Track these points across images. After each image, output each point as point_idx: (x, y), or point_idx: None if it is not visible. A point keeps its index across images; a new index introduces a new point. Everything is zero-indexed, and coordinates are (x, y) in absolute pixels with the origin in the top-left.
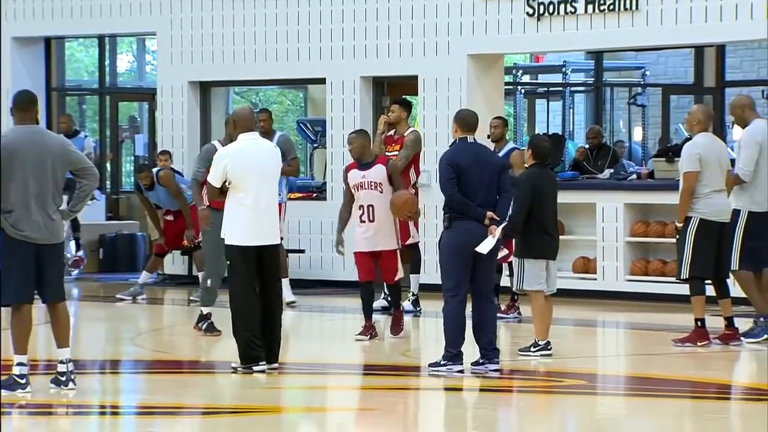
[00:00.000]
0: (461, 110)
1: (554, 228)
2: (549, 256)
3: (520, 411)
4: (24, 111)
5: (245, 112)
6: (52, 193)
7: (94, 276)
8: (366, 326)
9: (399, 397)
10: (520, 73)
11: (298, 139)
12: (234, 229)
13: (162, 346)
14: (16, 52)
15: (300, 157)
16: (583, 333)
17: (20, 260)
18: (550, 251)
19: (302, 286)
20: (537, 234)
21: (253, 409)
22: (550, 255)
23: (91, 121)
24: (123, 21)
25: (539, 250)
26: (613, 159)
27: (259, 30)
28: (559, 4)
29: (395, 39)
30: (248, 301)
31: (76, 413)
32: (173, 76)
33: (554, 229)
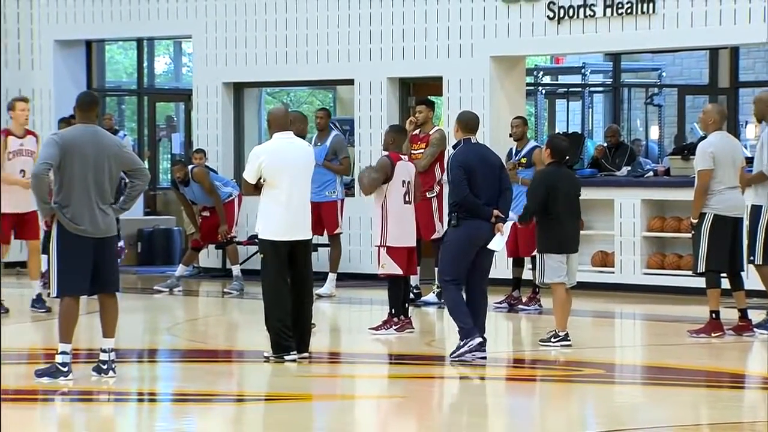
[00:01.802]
0: (463, 112)
1: (572, 223)
2: (567, 249)
3: (540, 399)
4: (85, 111)
5: (280, 112)
6: (108, 190)
7: (132, 269)
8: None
9: (425, 386)
10: (540, 75)
11: None
12: (267, 224)
13: (197, 336)
14: (58, 55)
15: None
16: (601, 324)
17: (78, 254)
18: (567, 245)
19: None
20: (555, 230)
21: (284, 396)
22: (569, 249)
23: (129, 120)
24: (160, 24)
25: (557, 244)
26: (630, 157)
27: (290, 33)
28: (578, 8)
29: (420, 41)
30: (280, 293)
31: (117, 400)
32: (208, 78)
33: (572, 224)
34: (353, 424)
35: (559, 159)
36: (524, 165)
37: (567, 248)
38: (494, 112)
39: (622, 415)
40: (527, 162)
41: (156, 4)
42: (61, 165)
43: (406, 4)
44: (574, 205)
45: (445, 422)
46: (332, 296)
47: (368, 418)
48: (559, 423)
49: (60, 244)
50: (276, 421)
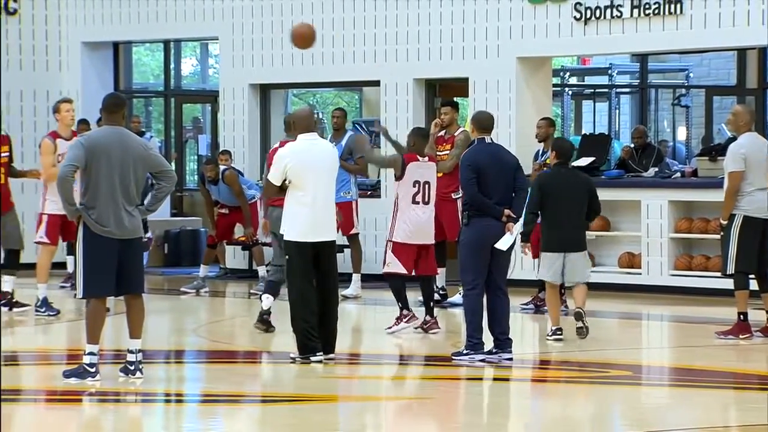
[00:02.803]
0: (478, 112)
1: (569, 223)
2: (562, 248)
3: (566, 401)
4: (111, 113)
5: (304, 113)
6: (133, 192)
7: (158, 270)
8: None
9: (451, 387)
10: (567, 75)
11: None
12: (292, 226)
13: (223, 337)
14: (86, 57)
15: None
16: (628, 326)
17: (104, 255)
18: (562, 244)
19: None
20: (550, 229)
21: (310, 397)
22: (564, 248)
23: (156, 122)
24: (187, 26)
25: (551, 243)
26: (657, 158)
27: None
28: (605, 9)
29: (447, 42)
30: (305, 295)
31: (144, 401)
32: (235, 79)
33: (569, 224)
34: (379, 426)
35: (564, 160)
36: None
37: (564, 247)
38: (520, 114)
39: (649, 417)
40: None
41: (183, 6)
42: (87, 167)
43: (432, 5)
44: (578, 205)
45: (471, 423)
46: (358, 297)
47: (394, 419)
48: (586, 425)
49: (86, 245)
50: (302, 422)
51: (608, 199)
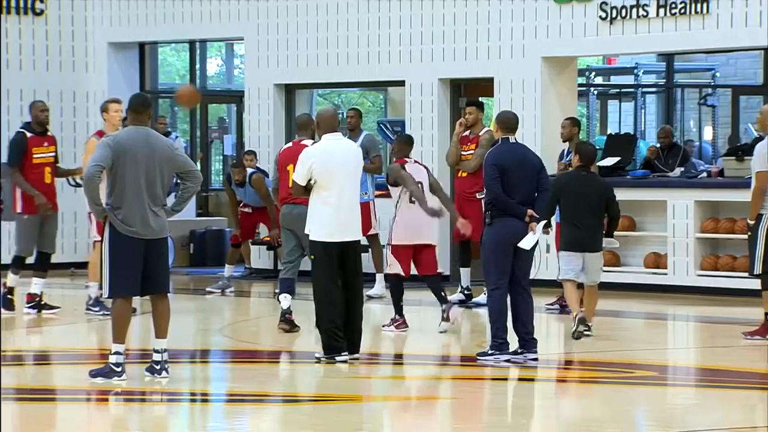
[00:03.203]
0: (503, 112)
1: (587, 224)
2: (581, 248)
3: (592, 401)
4: (137, 113)
5: (328, 113)
6: (159, 192)
7: (184, 270)
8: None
9: (475, 387)
10: (592, 75)
11: (379, 139)
12: (318, 225)
13: (248, 337)
14: (112, 57)
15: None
16: (654, 326)
17: (129, 255)
18: (581, 244)
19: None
20: (569, 230)
21: (335, 397)
22: (580, 247)
23: (182, 122)
24: (212, 27)
25: (571, 243)
26: (683, 158)
27: (341, 34)
28: (631, 8)
29: (472, 42)
30: (330, 295)
31: (169, 400)
32: (260, 79)
33: (587, 225)
34: (404, 426)
35: (586, 163)
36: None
37: (583, 248)
38: (545, 114)
39: (675, 417)
40: None
41: (208, 7)
42: (113, 167)
43: (457, 5)
44: (595, 208)
45: (496, 424)
46: (383, 297)
47: (419, 419)
48: (611, 425)
49: (112, 245)
50: (327, 422)
51: (634, 199)
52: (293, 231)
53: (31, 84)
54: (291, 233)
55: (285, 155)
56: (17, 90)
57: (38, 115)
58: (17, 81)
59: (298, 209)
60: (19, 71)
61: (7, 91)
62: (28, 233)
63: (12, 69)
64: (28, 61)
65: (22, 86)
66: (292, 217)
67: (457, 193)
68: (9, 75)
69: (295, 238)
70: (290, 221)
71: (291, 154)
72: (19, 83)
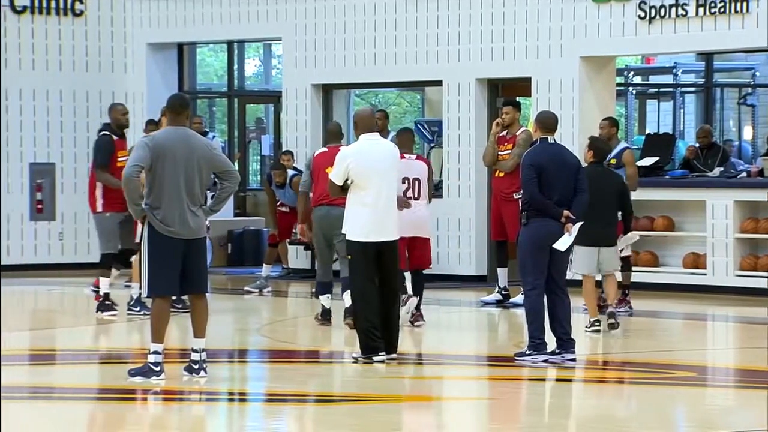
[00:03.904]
0: (541, 112)
1: (602, 220)
2: (596, 243)
3: (630, 402)
4: (176, 114)
5: (366, 113)
6: (198, 192)
7: (222, 270)
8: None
9: (513, 387)
10: (631, 75)
11: (416, 139)
12: (355, 225)
13: (286, 337)
14: (151, 58)
15: None
16: (693, 327)
17: (168, 255)
18: (596, 239)
19: None
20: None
21: (372, 397)
22: (598, 242)
23: (220, 122)
24: (250, 27)
25: (586, 238)
26: (722, 157)
27: (378, 35)
28: (670, 8)
29: (509, 42)
30: (368, 294)
31: (208, 400)
32: (297, 80)
33: (602, 220)
34: (441, 426)
35: (599, 160)
36: (614, 166)
37: (598, 242)
38: (584, 113)
39: (714, 418)
40: (617, 163)
41: (246, 7)
42: (152, 167)
43: (495, 5)
44: (609, 203)
45: (534, 424)
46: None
47: (456, 419)
48: (650, 426)
49: (151, 245)
50: (364, 422)
51: (672, 199)
52: (327, 233)
53: (70, 84)
54: (327, 236)
55: (321, 159)
56: (57, 90)
57: (119, 118)
58: (57, 81)
59: (337, 210)
60: (59, 72)
61: (46, 91)
62: (112, 231)
63: (52, 69)
64: (68, 61)
65: (61, 87)
66: (331, 218)
67: (494, 193)
68: (49, 75)
69: (330, 240)
70: (329, 223)
71: (328, 157)
72: (59, 83)
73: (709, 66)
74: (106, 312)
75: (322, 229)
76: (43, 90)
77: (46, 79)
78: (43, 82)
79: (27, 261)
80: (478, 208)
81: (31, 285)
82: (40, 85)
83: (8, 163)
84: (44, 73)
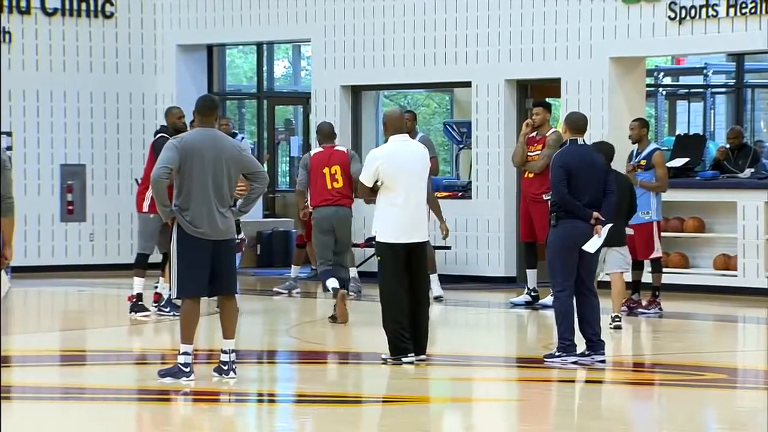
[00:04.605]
0: (571, 113)
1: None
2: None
3: (660, 404)
4: (205, 115)
5: (395, 115)
6: (226, 193)
7: (251, 271)
8: None
9: (542, 389)
10: (661, 76)
11: (445, 140)
12: (385, 227)
13: (315, 338)
14: (180, 59)
15: (446, 158)
16: (723, 328)
17: (197, 256)
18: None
19: (448, 282)
20: None
21: (401, 398)
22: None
23: (249, 123)
24: (280, 29)
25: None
26: (753, 158)
27: (407, 36)
28: (700, 8)
29: (539, 43)
30: (397, 296)
31: (237, 401)
32: (327, 81)
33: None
34: (470, 427)
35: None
36: (643, 167)
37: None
38: (613, 114)
39: (745, 420)
40: (647, 164)
41: (275, 9)
42: (180, 168)
43: (524, 6)
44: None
45: (563, 425)
46: (440, 297)
47: (485, 420)
48: (680, 428)
49: (180, 246)
50: (393, 423)
51: (703, 200)
52: (333, 231)
53: (101, 86)
54: (329, 233)
55: (318, 159)
56: (87, 92)
57: (176, 122)
58: (88, 83)
59: (343, 211)
60: (90, 73)
61: (77, 92)
62: (153, 232)
63: (83, 71)
64: (98, 63)
65: (92, 88)
66: (338, 218)
67: (523, 194)
68: (80, 77)
69: (333, 237)
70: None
71: (324, 158)
72: (90, 85)
73: (739, 67)
74: (140, 313)
75: (325, 225)
76: (74, 92)
77: (77, 80)
78: (74, 84)
79: (58, 262)
80: (507, 209)
81: (62, 286)
82: (71, 86)
83: (39, 164)
84: (75, 74)
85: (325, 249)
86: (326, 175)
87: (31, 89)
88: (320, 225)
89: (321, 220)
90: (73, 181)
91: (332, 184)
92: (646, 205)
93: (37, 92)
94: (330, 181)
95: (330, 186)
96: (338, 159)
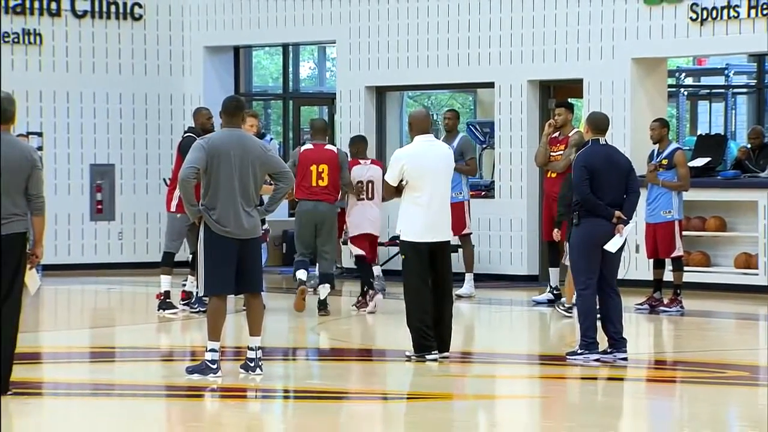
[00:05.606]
0: (593, 113)
1: None
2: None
3: (682, 401)
4: (231, 116)
5: (420, 115)
6: (252, 193)
7: (277, 269)
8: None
9: (564, 386)
10: (682, 76)
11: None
12: (409, 226)
13: (340, 335)
14: (207, 60)
15: None
16: (745, 326)
17: (224, 255)
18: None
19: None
20: None
21: (425, 395)
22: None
23: (275, 124)
24: (305, 30)
25: None
26: None
27: (431, 37)
28: (721, 9)
29: (561, 44)
30: (421, 294)
31: (264, 397)
32: (351, 82)
33: None
34: (494, 424)
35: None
36: (665, 167)
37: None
38: (635, 115)
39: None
40: (668, 164)
41: (301, 11)
42: (207, 168)
43: (547, 7)
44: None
45: (586, 423)
46: (472, 297)
47: (509, 418)
48: (702, 425)
49: (207, 245)
50: (418, 420)
51: (724, 199)
52: (315, 226)
53: (130, 87)
54: (308, 227)
55: (307, 155)
56: (116, 93)
57: (204, 123)
58: (117, 84)
59: (323, 206)
60: (118, 75)
61: (106, 94)
62: (179, 232)
63: (112, 73)
64: (127, 65)
65: (121, 90)
66: (317, 213)
67: (546, 194)
68: (109, 78)
69: (313, 231)
70: (314, 217)
71: (313, 155)
72: (119, 86)
73: (761, 67)
74: (168, 310)
75: (307, 220)
76: (103, 93)
77: (106, 82)
78: (103, 85)
79: (87, 260)
80: (530, 208)
81: (92, 284)
82: (100, 88)
83: (69, 164)
84: (104, 76)
85: (301, 241)
86: (313, 172)
87: (61, 90)
88: (300, 218)
89: (301, 213)
90: (103, 180)
91: (317, 182)
92: (668, 204)
93: (67, 93)
94: (316, 178)
95: (315, 183)
96: (327, 158)
